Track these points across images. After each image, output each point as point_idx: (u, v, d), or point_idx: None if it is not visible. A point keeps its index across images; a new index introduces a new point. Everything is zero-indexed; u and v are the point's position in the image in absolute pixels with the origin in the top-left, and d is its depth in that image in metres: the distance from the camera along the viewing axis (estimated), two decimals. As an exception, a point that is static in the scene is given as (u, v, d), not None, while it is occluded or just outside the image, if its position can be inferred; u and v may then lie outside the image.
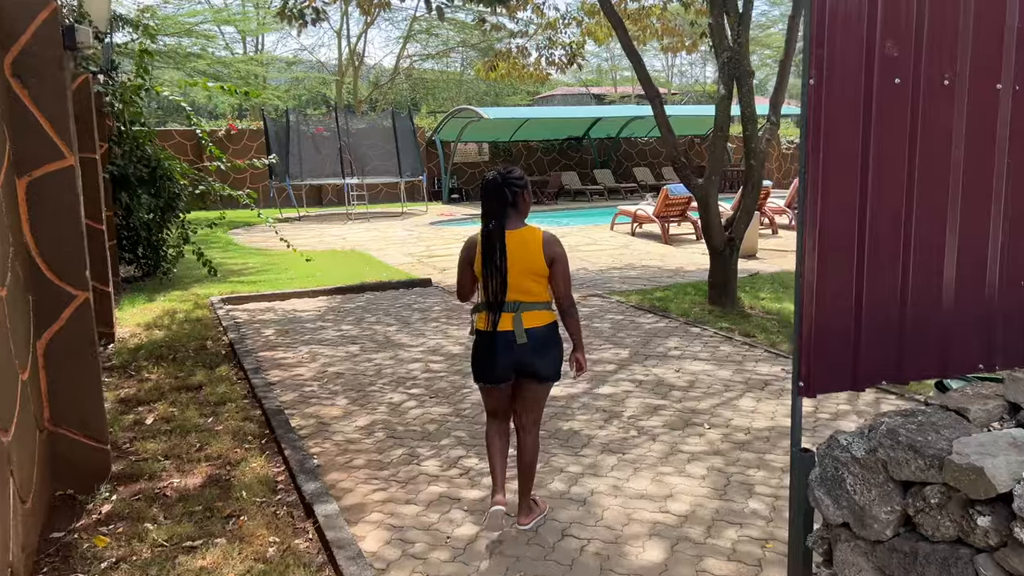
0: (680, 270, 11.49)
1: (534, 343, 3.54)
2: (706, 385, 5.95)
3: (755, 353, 6.86)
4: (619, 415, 5.33)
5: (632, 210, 15.45)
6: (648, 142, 29.52)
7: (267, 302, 9.81)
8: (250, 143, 24.15)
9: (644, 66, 8.57)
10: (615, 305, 9.08)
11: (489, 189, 3.56)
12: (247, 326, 8.44)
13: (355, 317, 8.79)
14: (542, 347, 3.57)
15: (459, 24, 35.36)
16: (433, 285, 10.78)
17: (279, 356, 7.16)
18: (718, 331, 7.65)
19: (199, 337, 7.67)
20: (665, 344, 7.22)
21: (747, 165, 8.48)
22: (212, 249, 14.56)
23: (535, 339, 3.55)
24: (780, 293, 9.43)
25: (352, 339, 7.73)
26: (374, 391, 6.02)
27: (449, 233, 16.89)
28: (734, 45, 8.16)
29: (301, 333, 8.07)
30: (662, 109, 8.54)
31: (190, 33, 21.75)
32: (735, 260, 8.73)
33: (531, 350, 3.54)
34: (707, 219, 8.53)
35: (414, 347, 7.34)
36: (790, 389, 5.81)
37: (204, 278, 11.09)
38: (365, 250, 14.29)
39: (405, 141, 21.95)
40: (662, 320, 8.25)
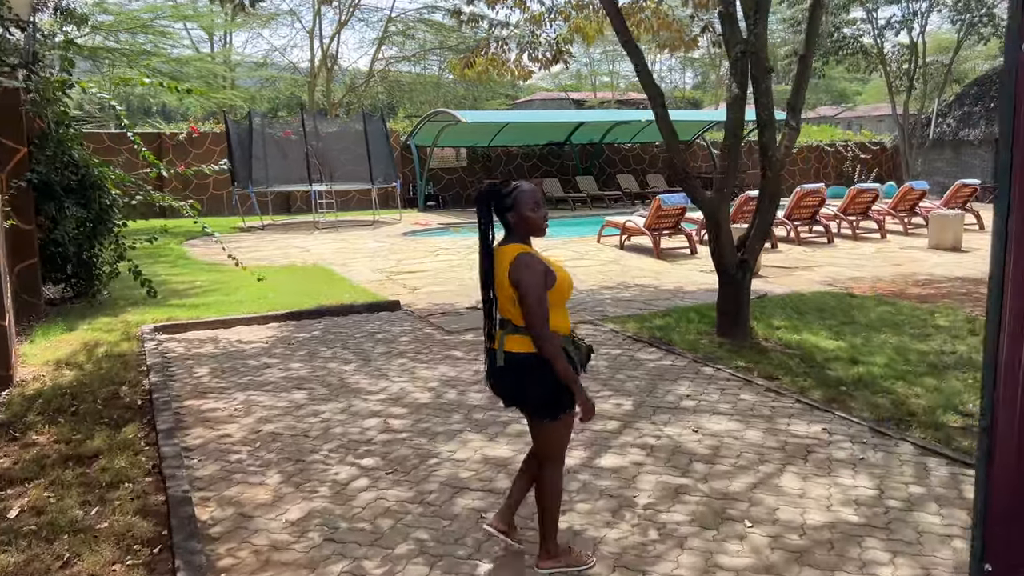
0: (678, 290, 10.32)
1: (512, 369, 3.30)
2: (734, 453, 4.76)
3: (784, 404, 5.68)
4: (631, 503, 4.12)
5: (621, 221, 14.28)
6: (632, 148, 28.44)
7: (209, 330, 8.51)
8: (213, 147, 22.78)
9: (645, 61, 7.41)
10: (610, 336, 7.88)
11: (475, 199, 3.31)
12: (178, 363, 7.15)
13: (308, 351, 7.52)
14: (520, 376, 3.30)
15: (436, 26, 34.17)
16: (402, 308, 9.52)
17: (207, 407, 5.88)
18: (734, 372, 6.47)
19: (114, 381, 6.37)
20: (675, 390, 6.03)
21: (763, 176, 7.32)
22: (160, 264, 13.24)
23: (512, 365, 3.29)
24: (795, 320, 8.28)
25: (300, 382, 6.46)
26: (316, 461, 4.77)
27: (423, 245, 15.65)
28: (750, 37, 7.00)
29: (241, 373, 6.79)
30: (664, 111, 7.38)
31: (146, 29, 20.34)
32: (748, 285, 7.57)
33: (511, 376, 3.32)
34: (718, 237, 7.36)
35: (373, 394, 6.08)
36: (839, 459, 4.66)
37: (143, 300, 9.77)
38: (329, 265, 13.00)
39: (377, 145, 20.65)
40: (666, 356, 7.06)
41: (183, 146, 22.77)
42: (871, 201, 15.43)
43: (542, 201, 3.30)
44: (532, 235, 3.29)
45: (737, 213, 14.22)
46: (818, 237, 15.13)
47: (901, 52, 27.09)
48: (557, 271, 3.26)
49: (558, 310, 3.27)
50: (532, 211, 3.22)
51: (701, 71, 61.25)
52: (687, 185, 7.36)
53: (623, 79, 60.69)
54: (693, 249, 13.50)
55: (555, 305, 3.24)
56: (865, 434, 5.06)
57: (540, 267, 3.19)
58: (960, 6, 23.87)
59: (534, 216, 3.23)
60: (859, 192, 15.29)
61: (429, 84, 37.55)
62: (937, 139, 27.60)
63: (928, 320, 8.22)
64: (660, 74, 62.93)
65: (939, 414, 5.38)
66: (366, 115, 21.33)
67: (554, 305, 3.23)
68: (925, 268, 11.79)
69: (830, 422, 5.29)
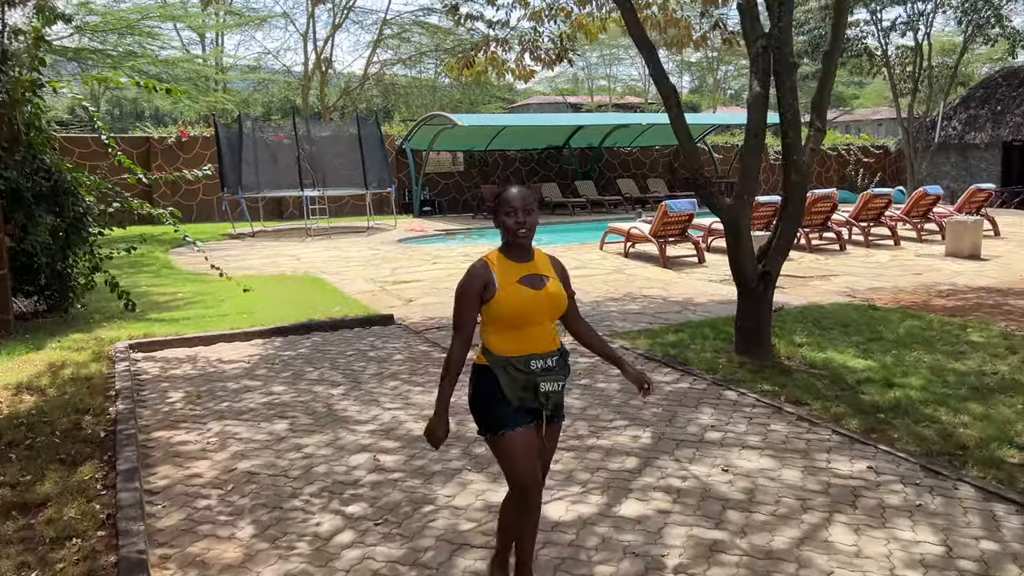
0: (688, 302, 9.75)
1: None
2: (772, 498, 4.18)
3: (820, 436, 5.10)
4: (660, 563, 3.54)
5: (625, 228, 13.71)
6: (631, 152, 27.89)
7: (188, 348, 7.92)
8: (203, 151, 22.16)
9: (658, 58, 6.84)
10: (619, 352, 7.28)
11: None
12: (151, 386, 6.55)
13: (293, 372, 6.93)
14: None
15: (431, 28, 33.62)
16: (396, 323, 8.94)
17: (178, 440, 5.28)
18: (760, 397, 5.89)
19: (78, 408, 5.77)
20: (697, 419, 5.45)
21: (787, 182, 6.76)
22: (143, 274, 12.65)
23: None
24: (818, 336, 7.70)
25: (283, 409, 5.87)
26: (295, 509, 4.18)
27: (419, 253, 15.06)
28: (773, 31, 6.44)
29: (218, 398, 6.19)
30: (680, 110, 6.82)
31: (132, 30, 19.72)
32: (770, 299, 7.00)
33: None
34: (737, 247, 6.79)
35: (362, 424, 5.49)
36: (893, 506, 4.08)
37: (120, 313, 9.19)
38: (320, 274, 12.41)
39: (371, 149, 20.06)
40: (683, 377, 6.48)
41: (172, 151, 22.19)
42: (884, 207, 14.88)
43: (526, 207, 3.01)
44: (507, 242, 3.07)
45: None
46: (829, 244, 14.57)
47: (905, 54, 26.55)
48: (508, 295, 2.98)
49: (501, 330, 3.03)
50: (505, 215, 3.01)
51: (698, 75, 60.83)
52: (705, 191, 6.79)
53: (620, 83, 60.33)
54: (701, 257, 12.94)
55: (494, 323, 3.03)
56: (916, 473, 4.48)
57: (478, 276, 3.01)
58: (967, 6, 23.34)
59: (505, 221, 3.01)
60: (871, 197, 14.74)
61: (425, 88, 37.00)
62: (943, 143, 27.09)
63: (961, 336, 7.66)
64: (658, 77, 62.50)
65: (994, 448, 4.81)
66: (360, 118, 20.74)
67: (493, 323, 3.04)
68: (946, 277, 11.23)
69: (874, 458, 4.72)
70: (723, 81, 57.36)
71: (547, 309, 3.04)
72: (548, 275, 3.09)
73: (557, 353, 3.08)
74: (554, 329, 3.11)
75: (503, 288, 2.97)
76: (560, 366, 3.09)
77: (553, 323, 3.11)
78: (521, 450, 3.02)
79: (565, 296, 3.12)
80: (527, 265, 3.06)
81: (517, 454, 3.02)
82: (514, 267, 3.03)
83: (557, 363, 3.07)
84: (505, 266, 3.03)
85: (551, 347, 3.06)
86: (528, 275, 3.03)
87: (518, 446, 3.01)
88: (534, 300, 3.00)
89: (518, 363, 2.99)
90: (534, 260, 3.10)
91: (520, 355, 3.00)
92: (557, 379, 3.06)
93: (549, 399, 3.05)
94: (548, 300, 3.03)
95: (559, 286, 3.10)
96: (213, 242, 17.65)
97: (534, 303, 3.00)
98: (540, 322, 3.02)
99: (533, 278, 3.03)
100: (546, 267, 3.12)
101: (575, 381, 6.38)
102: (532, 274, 3.05)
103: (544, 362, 3.03)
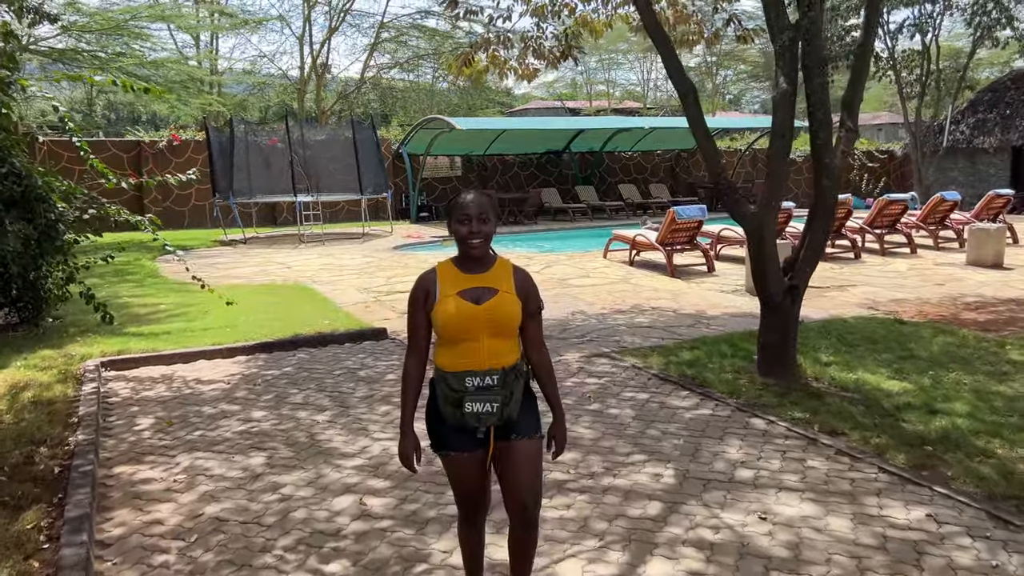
0: (700, 315, 9.17)
1: None
2: (821, 555, 3.59)
3: (865, 474, 4.51)
4: (698, 646, 2.95)
5: (630, 235, 13.13)
6: (632, 157, 27.35)
7: (164, 365, 7.33)
8: (195, 155, 21.62)
9: (674, 52, 6.29)
10: (631, 373, 6.72)
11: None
12: (119, 411, 5.96)
13: (275, 394, 6.34)
14: None
15: (429, 32, 33.08)
16: (389, 337, 8.36)
17: (141, 477, 4.69)
18: (791, 426, 5.31)
19: (33, 439, 5.17)
20: (724, 452, 4.86)
21: (817, 186, 6.19)
22: (126, 283, 12.06)
23: None
24: (845, 354, 7.13)
25: (261, 439, 5.28)
26: (267, 568, 3.59)
27: (414, 261, 14.48)
28: (803, 21, 5.87)
29: (192, 425, 5.61)
30: (699, 109, 6.25)
31: (120, 30, 19.13)
32: (796, 315, 6.43)
33: None
34: (762, 259, 6.21)
35: (348, 458, 4.90)
36: (965, 567, 3.47)
37: (97, 326, 8.60)
38: (312, 284, 11.83)
39: (367, 153, 19.48)
40: (703, 402, 5.90)
41: (163, 155, 21.63)
42: (900, 213, 14.31)
43: (481, 214, 2.82)
44: (460, 251, 2.90)
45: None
46: (843, 252, 14.00)
47: (911, 57, 26.02)
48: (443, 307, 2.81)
49: (442, 343, 2.89)
50: (458, 223, 2.84)
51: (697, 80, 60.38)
52: (728, 196, 6.21)
53: (619, 88, 59.86)
54: (710, 266, 12.36)
55: (437, 335, 2.90)
56: (983, 523, 3.90)
57: (420, 284, 2.92)
58: (977, 8, 22.81)
59: (458, 230, 2.84)
60: (887, 203, 14.17)
61: (422, 92, 36.44)
62: (950, 147, 26.56)
63: (1000, 354, 7.08)
64: (656, 82, 62.06)
65: (1065, 489, 4.24)
66: (355, 122, 20.17)
67: (436, 335, 2.91)
68: (970, 288, 10.65)
69: (931, 502, 4.14)
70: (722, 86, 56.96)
71: (486, 326, 2.81)
72: (501, 289, 2.85)
73: (500, 372, 2.81)
74: (502, 346, 2.84)
75: (440, 299, 2.83)
76: (502, 385, 2.81)
77: (500, 340, 2.84)
78: (459, 473, 2.95)
79: (515, 314, 2.86)
80: (477, 276, 2.86)
81: (455, 476, 2.97)
82: (460, 278, 2.86)
83: (499, 381, 2.81)
84: (451, 276, 2.87)
85: (493, 364, 2.81)
86: (473, 287, 2.83)
87: (457, 470, 2.94)
88: (468, 315, 2.79)
89: (452, 379, 2.82)
90: (490, 271, 2.89)
91: (456, 371, 2.83)
92: (492, 400, 2.80)
93: (481, 419, 2.81)
94: (488, 316, 2.80)
95: (511, 303, 2.85)
96: (203, 249, 17.09)
97: (468, 318, 2.79)
98: (476, 338, 2.80)
99: (478, 291, 2.83)
100: (503, 280, 2.88)
101: (583, 406, 5.80)
102: (479, 287, 2.84)
103: (480, 380, 2.80)
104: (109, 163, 20.82)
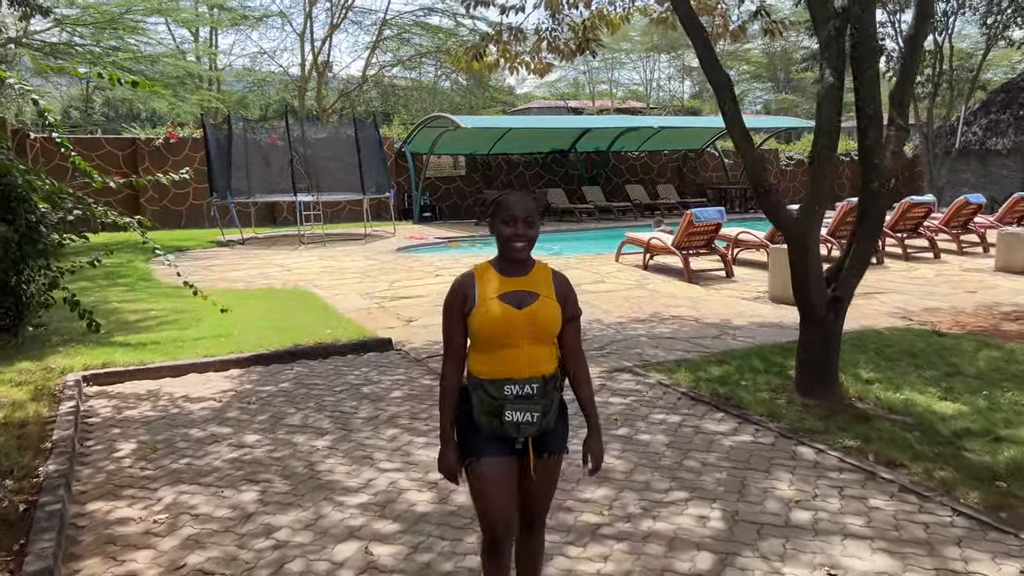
0: (725, 325, 8.63)
1: None
2: (909, 624, 3.06)
3: (939, 517, 3.97)
4: None
5: (644, 238, 12.59)
6: (639, 157, 26.81)
7: (151, 380, 6.80)
8: (193, 153, 21.10)
9: (710, 43, 5.75)
10: (659, 391, 6.18)
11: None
12: (99, 434, 5.43)
13: (271, 414, 5.80)
14: None
15: (432, 29, 32.55)
16: (394, 348, 7.83)
17: (118, 516, 4.16)
18: (844, 456, 4.77)
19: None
20: (774, 489, 4.32)
21: (865, 190, 5.65)
22: (117, 287, 11.52)
23: None
24: (887, 370, 6.59)
25: (254, 470, 4.74)
26: (258, 638, 3.06)
27: (419, 263, 13.95)
28: (853, 8, 5.33)
29: (178, 452, 5.07)
30: (736, 105, 5.71)
31: (114, 24, 18.57)
32: (839, 330, 5.90)
33: None
34: (805, 269, 5.67)
35: (351, 494, 4.36)
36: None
37: (82, 335, 8.08)
38: (312, 288, 11.29)
39: (369, 152, 18.93)
40: (742, 426, 5.36)
41: (160, 153, 21.09)
42: (923, 216, 13.77)
43: (527, 217, 2.71)
44: (501, 253, 2.78)
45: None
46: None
47: (923, 57, 25.52)
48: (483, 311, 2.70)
49: (479, 349, 2.77)
50: (504, 224, 2.72)
51: (700, 80, 59.90)
52: (767, 201, 5.67)
53: (622, 87, 59.36)
54: (729, 271, 11.82)
55: (473, 341, 2.78)
56: (1088, 581, 3.37)
57: (458, 288, 2.79)
58: (992, 6, 22.28)
59: (502, 231, 2.73)
60: (910, 206, 13.63)
61: (425, 91, 35.91)
62: (963, 149, 26.01)
63: (1055, 371, 6.55)
64: (659, 82, 61.53)
65: None
66: (358, 120, 19.59)
67: (472, 341, 2.79)
68: (1006, 296, 10.11)
69: (1020, 553, 3.60)
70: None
71: (526, 331, 2.70)
72: (541, 293, 2.74)
73: (540, 380, 2.71)
74: (541, 353, 2.73)
75: (480, 303, 2.72)
76: (542, 394, 2.71)
77: (540, 346, 2.73)
78: (489, 486, 2.74)
79: (556, 319, 2.75)
80: (517, 280, 2.75)
81: (484, 490, 2.75)
82: (500, 280, 2.74)
83: (538, 391, 2.71)
84: (490, 278, 2.76)
85: (533, 372, 2.71)
86: (514, 291, 2.72)
87: (487, 480, 2.74)
88: (511, 320, 2.68)
89: (490, 387, 2.71)
90: (529, 275, 2.78)
91: (494, 378, 2.71)
92: (532, 409, 2.70)
93: (520, 429, 2.71)
94: (528, 321, 2.69)
95: (551, 307, 2.75)
96: (200, 250, 16.57)
97: (510, 323, 2.68)
98: (516, 344, 2.69)
99: (519, 295, 2.72)
100: (542, 284, 2.77)
101: (610, 431, 5.27)
102: (520, 290, 2.73)
103: (520, 388, 2.70)
104: (105, 161, 20.46)
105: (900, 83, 5.76)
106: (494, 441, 2.74)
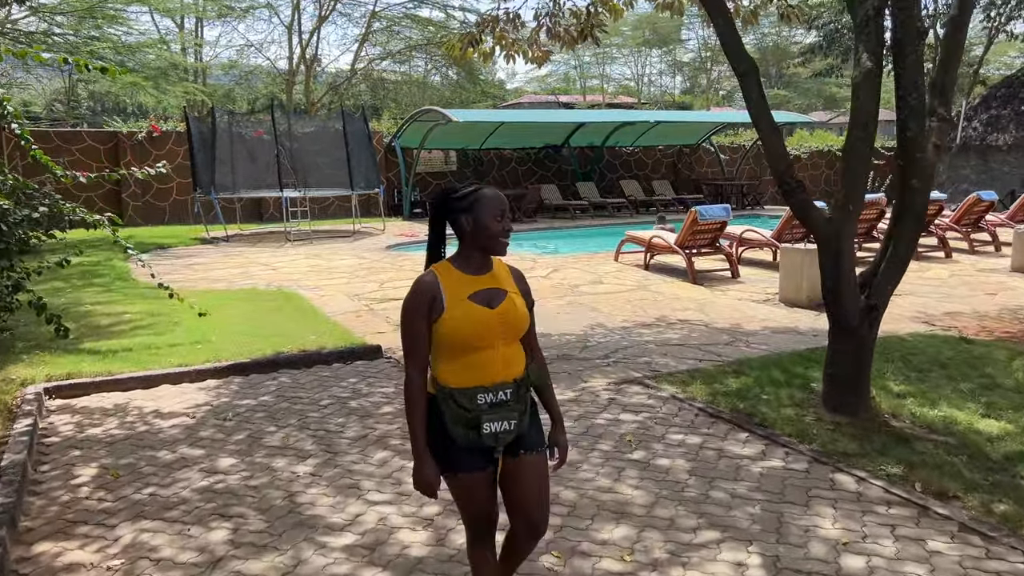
0: (736, 330, 8.13)
1: None
2: None
3: (1013, 565, 3.46)
4: None
5: (645, 236, 12.08)
6: (633, 152, 26.29)
7: (120, 392, 6.24)
8: (176, 147, 20.45)
9: (733, 24, 5.23)
10: (673, 407, 5.66)
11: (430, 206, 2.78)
12: (56, 457, 4.87)
13: (248, 433, 5.25)
14: None
15: (422, 22, 31.93)
16: (384, 356, 7.29)
17: (68, 560, 3.60)
18: (888, 484, 4.26)
19: (-65, 501, 4.08)
20: (817, 528, 3.80)
21: (904, 188, 5.14)
22: (92, 287, 10.92)
23: None
24: (918, 382, 6.10)
25: (227, 501, 4.20)
26: None
27: (409, 262, 13.41)
28: (893, -15, 4.82)
29: (142, 479, 4.52)
30: (761, 92, 5.20)
31: (93, 12, 17.91)
32: (873, 341, 5.39)
33: None
34: (838, 273, 5.17)
35: (336, 533, 3.82)
36: None
37: (49, 341, 7.50)
38: (297, 289, 10.72)
39: (358, 147, 18.34)
40: (770, 449, 4.85)
41: (143, 146, 20.43)
42: (935, 214, 13.29)
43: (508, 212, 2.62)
44: (486, 250, 2.63)
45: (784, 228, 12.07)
46: (870, 256, 12.96)
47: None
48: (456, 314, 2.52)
49: (447, 356, 2.57)
50: (493, 219, 2.57)
51: (691, 75, 59.50)
52: (796, 198, 5.15)
53: (613, 82, 58.92)
54: (734, 271, 11.32)
55: (438, 347, 2.58)
56: None
57: (423, 291, 2.57)
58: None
59: (490, 227, 2.57)
60: (920, 204, 13.13)
61: (414, 85, 35.28)
62: (963, 144, 25.62)
63: (1100, 383, 6.07)
64: (650, 77, 61.07)
65: None
66: (346, 114, 18.99)
67: (437, 347, 2.58)
68: (1026, 298, 9.66)
69: (1113, 610, 3.10)
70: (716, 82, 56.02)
71: (501, 330, 2.58)
72: (509, 290, 2.64)
73: (512, 385, 2.59)
74: (516, 353, 2.63)
75: (451, 306, 2.55)
76: (516, 399, 2.60)
77: (514, 346, 2.62)
78: (472, 495, 2.66)
79: (526, 315, 2.66)
80: (483, 278, 2.62)
81: (467, 498, 2.67)
82: (466, 280, 2.59)
83: (512, 396, 2.59)
84: (455, 279, 2.59)
85: (504, 377, 2.58)
86: (483, 290, 2.59)
87: (468, 490, 2.65)
88: (485, 320, 2.55)
89: (461, 397, 2.55)
90: (492, 272, 2.65)
91: (465, 387, 2.56)
92: (508, 417, 2.58)
93: (499, 439, 2.58)
94: (501, 320, 2.58)
95: (521, 304, 2.65)
96: (182, 248, 15.96)
97: (486, 324, 2.55)
98: (491, 346, 2.56)
99: (489, 293, 2.60)
100: (506, 280, 2.67)
101: (625, 454, 4.75)
102: (488, 288, 2.60)
103: (494, 396, 2.56)
104: (85, 155, 19.78)
105: (941, 69, 5.25)
106: (471, 452, 2.60)
